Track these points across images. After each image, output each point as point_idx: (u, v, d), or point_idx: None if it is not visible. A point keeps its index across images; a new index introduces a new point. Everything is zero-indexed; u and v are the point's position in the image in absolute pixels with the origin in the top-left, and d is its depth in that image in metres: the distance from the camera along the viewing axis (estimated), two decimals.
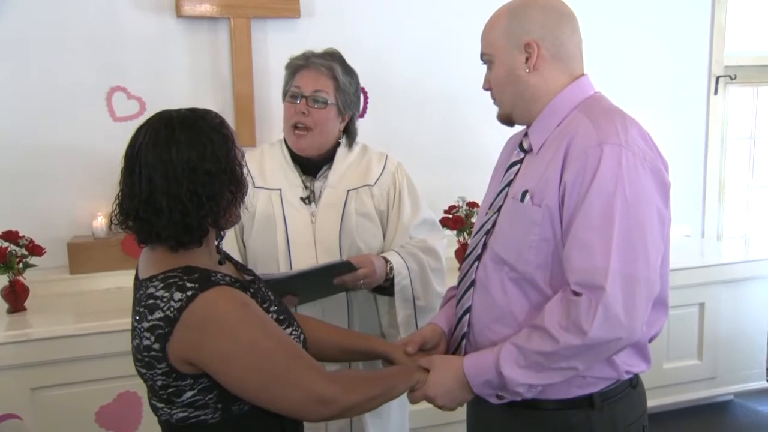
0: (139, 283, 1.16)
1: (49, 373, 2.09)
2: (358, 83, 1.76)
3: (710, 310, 2.90)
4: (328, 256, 1.66)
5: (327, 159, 1.75)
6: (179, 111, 1.17)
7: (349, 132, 1.78)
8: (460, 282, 1.41)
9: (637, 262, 1.14)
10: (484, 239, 1.35)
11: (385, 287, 1.68)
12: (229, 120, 2.60)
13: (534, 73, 1.27)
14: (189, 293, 1.06)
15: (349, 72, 1.74)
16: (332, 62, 1.70)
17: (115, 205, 1.16)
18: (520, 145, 1.36)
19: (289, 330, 1.21)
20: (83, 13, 2.48)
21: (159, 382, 1.12)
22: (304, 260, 1.64)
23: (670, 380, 2.86)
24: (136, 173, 1.12)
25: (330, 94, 1.68)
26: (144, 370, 1.13)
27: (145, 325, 1.09)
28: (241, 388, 1.09)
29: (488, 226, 1.34)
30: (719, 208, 3.50)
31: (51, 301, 2.34)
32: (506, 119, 1.36)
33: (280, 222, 1.68)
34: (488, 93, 1.36)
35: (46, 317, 2.19)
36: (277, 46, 2.67)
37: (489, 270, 1.31)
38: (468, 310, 1.36)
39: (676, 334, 2.83)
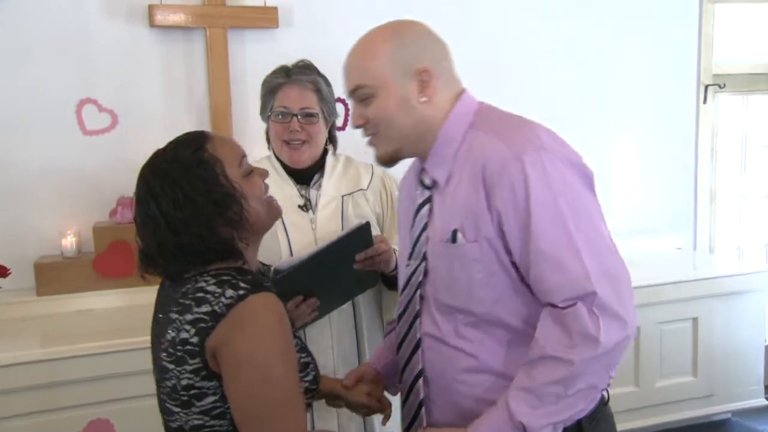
0: (184, 279, 1.20)
1: (13, 402, 2.05)
2: (333, 90, 1.85)
3: (704, 325, 2.91)
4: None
5: (317, 167, 1.84)
6: (154, 158, 1.21)
7: (332, 138, 1.88)
8: (400, 346, 1.36)
9: (606, 257, 1.15)
10: (419, 292, 1.31)
11: (390, 276, 1.75)
12: None
13: (428, 101, 1.25)
14: (241, 292, 1.11)
15: (327, 81, 1.83)
16: (313, 75, 1.80)
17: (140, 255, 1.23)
18: (421, 183, 1.32)
19: (306, 357, 1.27)
20: (52, 21, 2.48)
21: (184, 381, 1.14)
22: None
23: (663, 398, 2.87)
24: (140, 224, 1.21)
25: (316, 107, 1.78)
26: (171, 366, 1.15)
27: (188, 317, 1.12)
28: (232, 399, 1.12)
29: (418, 277, 1.31)
30: (711, 219, 3.55)
31: (16, 324, 2.31)
32: (392, 158, 1.30)
33: (281, 231, 1.75)
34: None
35: (10, 342, 2.16)
36: (255, 56, 2.69)
37: (439, 322, 1.28)
38: (420, 373, 1.32)
39: (669, 351, 2.85)
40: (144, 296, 2.38)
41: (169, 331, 1.15)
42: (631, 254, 3.02)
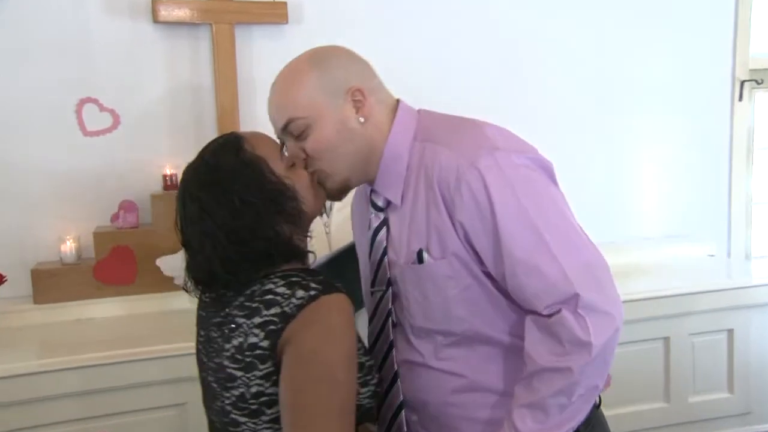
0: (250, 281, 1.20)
1: (8, 417, 2.01)
2: None
3: (740, 337, 2.81)
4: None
5: None
6: (194, 172, 1.19)
7: None
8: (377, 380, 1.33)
9: (581, 250, 1.14)
10: (390, 320, 1.29)
11: None
12: (212, 134, 2.58)
13: (367, 121, 1.23)
14: (312, 293, 1.11)
15: None
16: None
17: (187, 274, 1.22)
18: (374, 205, 1.29)
19: (370, 360, 1.25)
20: (51, 18, 2.45)
21: (253, 389, 1.13)
22: None
23: (697, 415, 2.79)
24: (193, 245, 1.18)
25: None
26: (240, 373, 1.13)
27: (257, 320, 1.11)
28: (284, 397, 1.10)
29: (387, 304, 1.29)
30: (746, 224, 3.44)
31: (12, 334, 2.27)
32: (342, 189, 1.27)
33: None
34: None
35: (5, 353, 2.11)
36: (263, 54, 2.65)
37: (417, 347, 1.27)
38: (401, 406, 1.30)
39: (703, 364, 2.76)
40: (147, 304, 2.45)
41: (236, 337, 1.14)
42: (660, 261, 3.04)
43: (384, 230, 1.28)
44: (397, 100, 1.30)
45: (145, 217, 2.54)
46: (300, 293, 1.10)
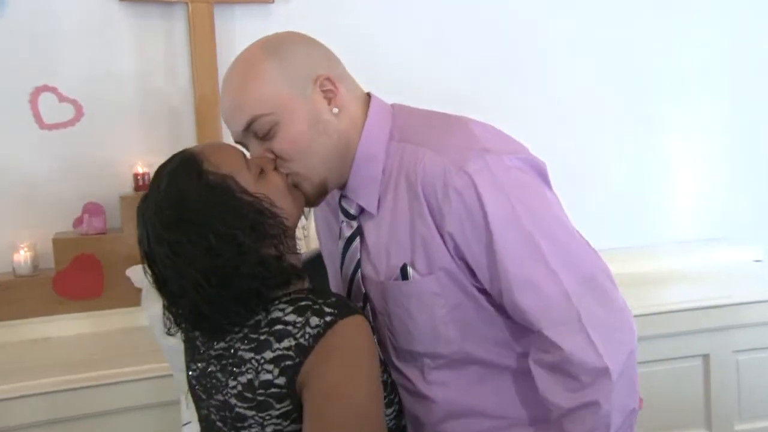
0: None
1: None
2: None
3: None
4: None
5: None
6: (155, 209, 1.10)
7: None
8: None
9: (582, 259, 1.13)
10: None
11: None
12: (190, 127, 2.52)
13: (341, 112, 1.19)
14: (327, 319, 1.07)
15: None
16: None
17: (167, 315, 1.17)
18: (345, 212, 1.25)
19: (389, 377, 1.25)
20: None
21: (269, 428, 1.10)
22: None
23: None
24: (173, 291, 1.12)
25: None
26: (251, 413, 1.09)
27: (269, 355, 1.07)
28: (306, 424, 1.07)
29: None
30: None
31: None
32: (320, 193, 1.21)
33: None
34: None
35: None
36: (246, 36, 2.48)
37: (403, 371, 1.25)
38: (404, 429, 1.28)
39: (750, 386, 2.65)
40: (115, 320, 2.37)
41: (244, 374, 1.09)
42: (699, 267, 2.89)
43: (357, 241, 1.23)
44: (368, 93, 1.24)
45: (113, 221, 2.49)
46: (314, 321, 1.07)
